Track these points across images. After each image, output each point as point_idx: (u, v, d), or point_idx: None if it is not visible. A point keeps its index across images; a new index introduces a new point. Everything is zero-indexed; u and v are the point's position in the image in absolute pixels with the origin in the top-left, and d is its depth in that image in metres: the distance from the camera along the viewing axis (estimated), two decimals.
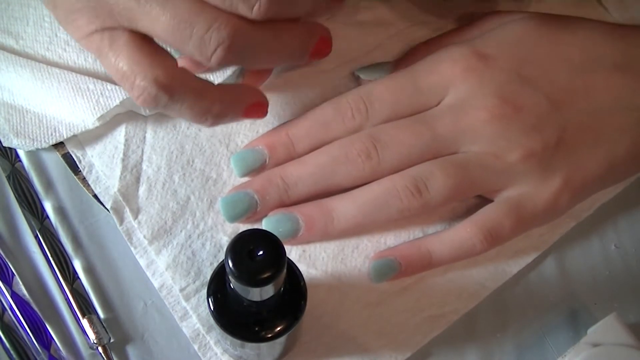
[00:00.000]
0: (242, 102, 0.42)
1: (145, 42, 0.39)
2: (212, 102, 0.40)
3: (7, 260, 0.44)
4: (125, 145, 0.46)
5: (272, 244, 0.33)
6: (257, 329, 0.37)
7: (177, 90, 0.39)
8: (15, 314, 0.43)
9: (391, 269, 0.43)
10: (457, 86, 0.44)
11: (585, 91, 0.45)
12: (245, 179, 0.46)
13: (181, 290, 0.44)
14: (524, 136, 0.43)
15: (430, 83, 0.45)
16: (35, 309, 0.43)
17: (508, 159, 0.43)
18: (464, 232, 0.43)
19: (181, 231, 0.45)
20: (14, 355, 0.42)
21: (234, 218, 0.44)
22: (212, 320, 0.38)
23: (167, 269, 0.44)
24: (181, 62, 0.43)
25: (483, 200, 0.45)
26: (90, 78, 0.46)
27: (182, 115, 0.40)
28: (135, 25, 0.38)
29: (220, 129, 0.47)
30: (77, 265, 0.45)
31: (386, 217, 0.43)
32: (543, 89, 0.44)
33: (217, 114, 0.40)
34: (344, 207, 0.44)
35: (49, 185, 0.46)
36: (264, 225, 0.44)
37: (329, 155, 0.44)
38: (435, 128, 0.44)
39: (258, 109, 0.43)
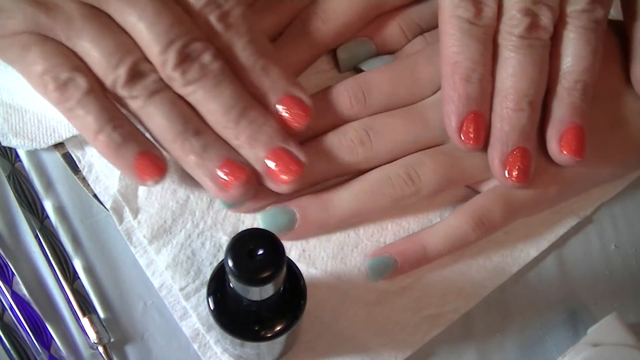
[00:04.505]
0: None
1: None
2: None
3: (7, 260, 0.44)
4: None
5: (271, 243, 0.33)
6: (256, 328, 0.37)
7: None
8: (15, 313, 0.43)
9: (387, 266, 0.44)
10: None
11: None
12: None
13: (181, 289, 0.44)
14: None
15: (427, 74, 0.45)
16: (35, 308, 0.43)
17: None
18: (455, 221, 0.44)
19: (181, 230, 0.45)
20: (14, 355, 0.42)
21: (230, 206, 0.44)
22: (211, 320, 0.38)
23: (167, 269, 0.44)
24: None
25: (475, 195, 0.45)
26: None
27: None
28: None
29: None
30: (77, 265, 0.45)
31: (381, 205, 0.44)
32: None
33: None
34: (339, 196, 0.44)
35: (49, 185, 0.46)
36: (260, 219, 0.44)
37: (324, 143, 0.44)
38: (427, 117, 0.45)
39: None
